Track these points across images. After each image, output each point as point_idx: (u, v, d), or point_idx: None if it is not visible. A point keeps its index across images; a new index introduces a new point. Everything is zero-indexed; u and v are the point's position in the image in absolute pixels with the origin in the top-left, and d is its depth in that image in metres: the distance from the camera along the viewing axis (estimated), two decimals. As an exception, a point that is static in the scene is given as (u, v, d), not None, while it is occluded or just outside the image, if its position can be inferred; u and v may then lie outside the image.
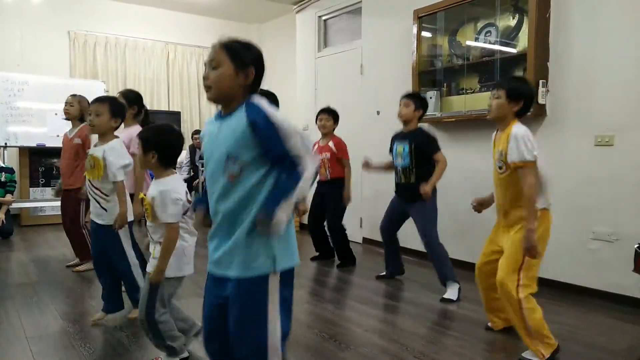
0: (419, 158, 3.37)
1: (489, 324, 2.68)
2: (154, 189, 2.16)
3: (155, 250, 2.19)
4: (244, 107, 1.41)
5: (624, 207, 3.10)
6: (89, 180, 2.69)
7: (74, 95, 3.93)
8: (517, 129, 2.26)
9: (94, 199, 2.69)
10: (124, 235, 2.67)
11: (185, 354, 2.26)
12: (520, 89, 2.37)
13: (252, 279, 1.43)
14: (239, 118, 1.40)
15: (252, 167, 1.41)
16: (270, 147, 1.38)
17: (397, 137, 3.55)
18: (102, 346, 2.45)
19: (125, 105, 2.93)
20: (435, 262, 3.37)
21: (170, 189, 2.10)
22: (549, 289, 3.43)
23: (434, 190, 3.36)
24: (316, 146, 4.31)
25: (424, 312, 3.03)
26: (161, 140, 2.15)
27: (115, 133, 2.76)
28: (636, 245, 2.24)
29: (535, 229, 2.19)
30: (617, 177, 3.13)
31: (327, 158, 4.17)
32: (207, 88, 1.45)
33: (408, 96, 3.51)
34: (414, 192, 3.36)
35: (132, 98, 3.52)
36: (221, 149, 1.43)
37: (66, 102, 3.90)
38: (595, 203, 3.24)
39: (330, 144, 4.18)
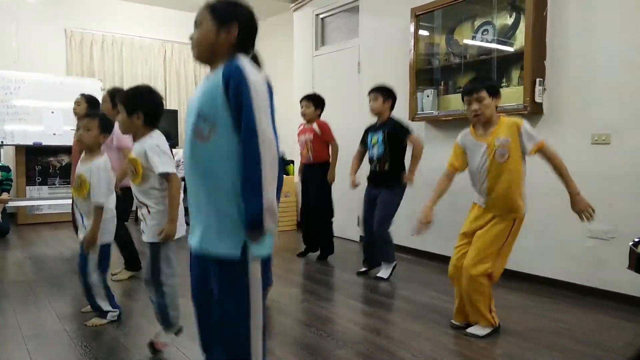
0: (392, 145, 3.53)
1: (455, 321, 2.70)
2: (140, 146, 2.20)
3: (145, 215, 2.24)
4: (223, 65, 1.34)
5: (621, 205, 3.11)
6: (75, 197, 2.68)
7: (82, 95, 3.97)
8: (517, 119, 2.47)
9: (78, 212, 2.70)
10: (92, 253, 2.61)
11: (179, 326, 2.37)
12: (495, 84, 2.56)
13: (229, 261, 1.36)
14: (217, 75, 1.33)
15: (223, 132, 1.31)
16: (239, 109, 1.27)
17: (370, 129, 3.73)
18: (99, 344, 2.45)
19: (113, 120, 2.91)
20: (381, 246, 3.59)
21: (157, 143, 2.19)
22: (546, 287, 3.45)
23: (405, 184, 3.54)
24: (301, 127, 4.31)
25: (421, 309, 3.04)
26: (146, 99, 2.23)
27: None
28: (631, 243, 2.25)
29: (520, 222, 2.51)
30: (614, 176, 3.13)
31: (309, 139, 4.13)
32: (192, 48, 1.42)
33: (375, 90, 3.64)
34: (387, 179, 3.54)
35: None
36: (195, 107, 1.37)
37: (75, 102, 3.93)
38: (592, 201, 3.23)
39: (314, 125, 4.14)
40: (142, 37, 7.31)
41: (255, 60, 1.47)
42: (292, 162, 6.03)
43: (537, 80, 3.40)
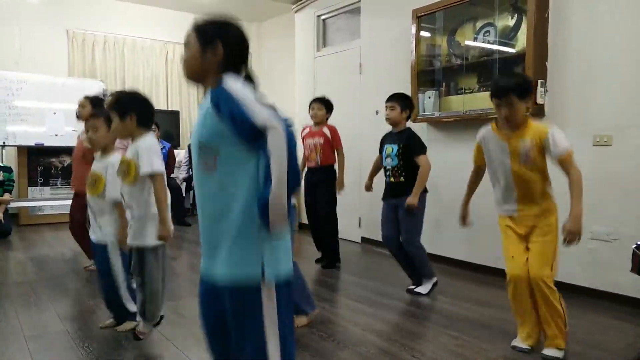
0: (407, 158, 3.37)
1: (524, 344, 2.43)
2: (134, 147, 2.25)
3: (130, 219, 2.34)
4: (211, 90, 1.35)
5: (622, 207, 3.11)
6: (89, 196, 2.65)
7: (86, 97, 3.89)
8: (546, 127, 2.32)
9: (91, 212, 2.66)
10: (114, 253, 2.56)
11: (158, 319, 2.49)
12: (528, 83, 2.36)
13: (243, 289, 1.30)
14: (207, 102, 1.34)
15: (228, 157, 1.30)
16: (237, 122, 1.24)
17: (387, 139, 3.56)
18: (100, 345, 2.45)
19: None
20: (416, 262, 3.40)
21: (153, 143, 2.26)
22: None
23: (423, 190, 3.36)
24: (307, 130, 4.26)
25: (423, 311, 3.04)
26: (137, 100, 2.30)
27: None
28: (634, 246, 2.24)
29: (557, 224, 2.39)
30: (616, 177, 3.13)
31: (319, 143, 4.08)
32: (182, 69, 1.46)
33: (392, 98, 3.48)
34: (404, 190, 3.36)
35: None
36: (196, 138, 1.38)
37: (79, 104, 3.85)
38: (594, 203, 3.23)
39: (325, 129, 4.10)
40: (143, 38, 7.33)
41: (249, 79, 1.43)
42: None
43: (539, 81, 3.40)
